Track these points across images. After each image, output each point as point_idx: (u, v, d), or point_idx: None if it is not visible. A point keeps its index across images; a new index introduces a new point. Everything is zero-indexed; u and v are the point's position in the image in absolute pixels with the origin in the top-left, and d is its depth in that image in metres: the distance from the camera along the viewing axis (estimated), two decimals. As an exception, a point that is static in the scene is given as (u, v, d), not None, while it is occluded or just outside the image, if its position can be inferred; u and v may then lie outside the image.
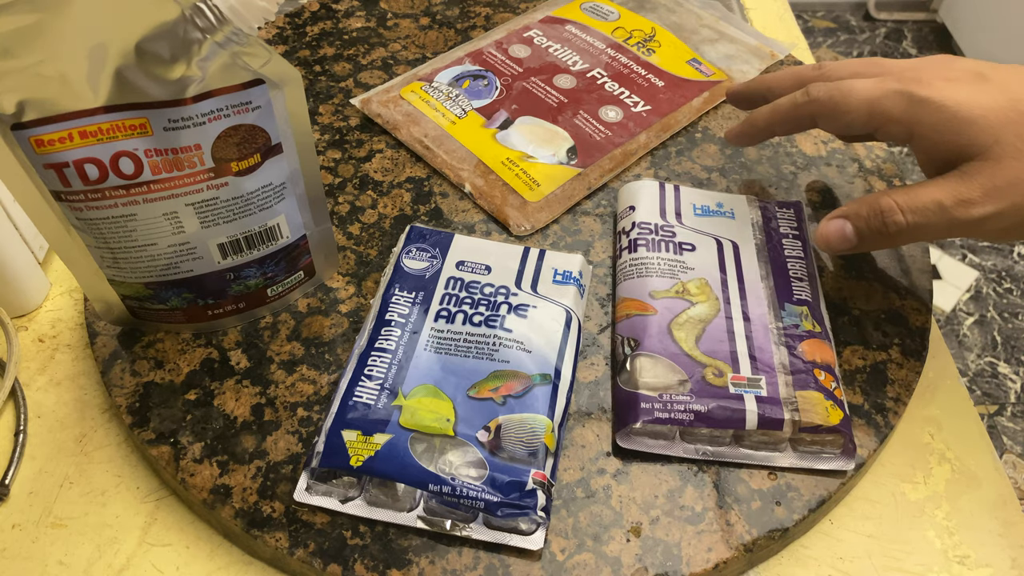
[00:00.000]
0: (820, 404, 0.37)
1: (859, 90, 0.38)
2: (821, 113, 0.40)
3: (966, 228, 0.37)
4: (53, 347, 0.45)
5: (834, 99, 0.39)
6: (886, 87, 0.38)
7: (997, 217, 0.36)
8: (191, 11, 0.32)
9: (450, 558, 0.35)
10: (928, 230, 0.38)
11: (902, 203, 0.38)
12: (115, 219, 0.35)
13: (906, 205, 0.38)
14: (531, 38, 0.59)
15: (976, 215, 0.36)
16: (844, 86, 0.39)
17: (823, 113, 0.40)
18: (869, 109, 0.38)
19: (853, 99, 0.38)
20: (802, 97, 0.41)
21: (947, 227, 0.37)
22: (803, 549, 0.38)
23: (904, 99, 0.37)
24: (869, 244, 0.40)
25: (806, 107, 0.40)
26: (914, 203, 0.37)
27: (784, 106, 0.42)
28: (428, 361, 0.39)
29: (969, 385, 1.38)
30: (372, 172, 0.51)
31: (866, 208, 0.39)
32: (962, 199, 0.36)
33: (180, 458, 0.38)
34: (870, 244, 0.40)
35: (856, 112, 0.39)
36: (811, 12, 2.20)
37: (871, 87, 0.38)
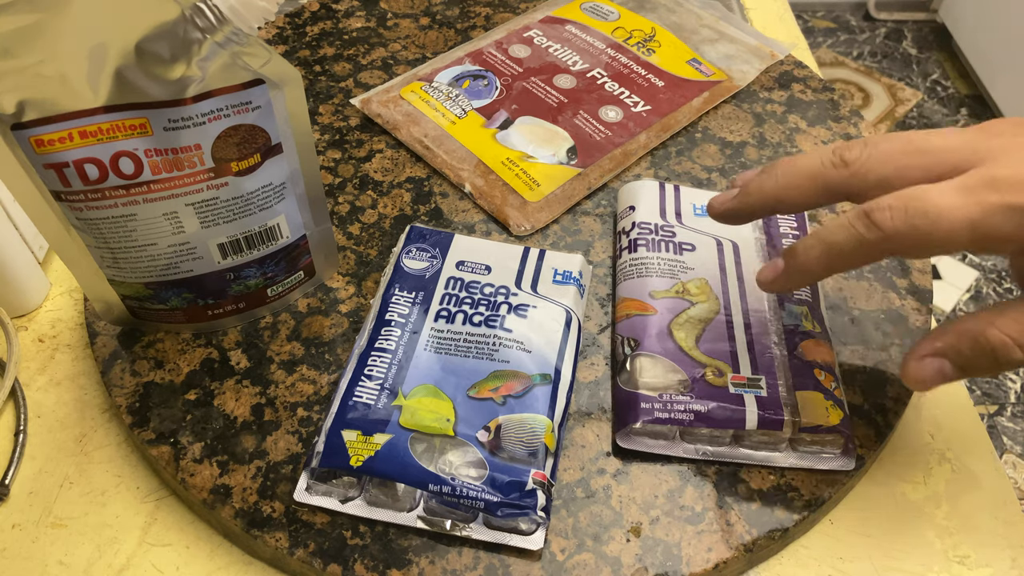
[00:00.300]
0: (820, 404, 0.37)
1: (951, 212, 0.30)
2: (903, 249, 0.31)
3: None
4: (53, 347, 0.45)
5: (920, 229, 0.30)
6: (986, 202, 0.30)
7: None
8: (191, 11, 0.32)
9: (450, 558, 0.35)
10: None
11: (1018, 337, 0.31)
12: (115, 219, 0.35)
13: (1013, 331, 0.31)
14: (531, 38, 0.59)
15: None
16: (925, 209, 0.30)
17: (906, 248, 0.31)
18: (972, 235, 0.30)
19: (946, 225, 0.30)
20: (870, 232, 0.31)
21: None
22: (803, 549, 0.38)
23: (1019, 215, 0.29)
24: (973, 375, 0.33)
25: (881, 245, 0.31)
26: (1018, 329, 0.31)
27: (846, 245, 0.32)
28: (428, 361, 0.39)
29: (969, 385, 1.38)
30: (372, 172, 0.51)
31: (968, 344, 0.32)
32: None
33: (180, 458, 0.38)
34: (974, 375, 0.33)
35: (955, 240, 0.30)
36: (811, 12, 2.20)
37: (965, 206, 0.30)
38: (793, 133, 0.54)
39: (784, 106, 0.56)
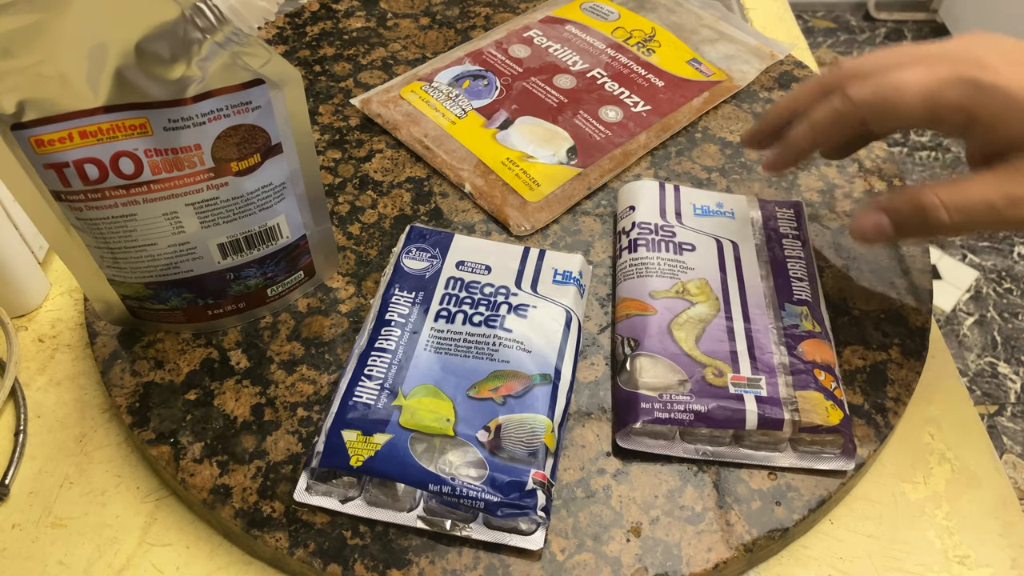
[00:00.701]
0: (820, 404, 0.37)
1: (912, 83, 0.34)
2: (872, 116, 0.36)
3: (1016, 225, 0.34)
4: (53, 347, 0.45)
5: (884, 97, 0.35)
6: (942, 75, 0.34)
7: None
8: (191, 11, 0.32)
9: (450, 558, 0.35)
10: (973, 227, 0.35)
11: (947, 201, 0.35)
12: (115, 219, 0.35)
13: (951, 203, 0.35)
14: (531, 38, 0.59)
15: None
16: (891, 81, 0.35)
17: (874, 115, 0.36)
18: (929, 103, 0.34)
19: (908, 94, 0.34)
20: (844, 104, 0.36)
21: (995, 225, 0.35)
22: (803, 549, 0.38)
23: (968, 87, 0.33)
24: (908, 237, 0.38)
25: (853, 113, 0.36)
26: (961, 201, 0.35)
27: (825, 118, 0.37)
28: (428, 361, 0.39)
29: (969, 385, 1.38)
30: (372, 172, 0.51)
31: (907, 204, 0.36)
32: (1014, 199, 0.34)
33: (180, 458, 0.38)
34: (910, 237, 0.38)
35: (913, 107, 0.34)
36: (811, 12, 2.20)
37: (925, 78, 0.34)
38: (793, 133, 0.54)
39: (784, 106, 0.56)
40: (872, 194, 0.50)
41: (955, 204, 0.35)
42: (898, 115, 0.35)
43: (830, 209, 0.50)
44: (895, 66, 0.36)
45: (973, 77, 0.33)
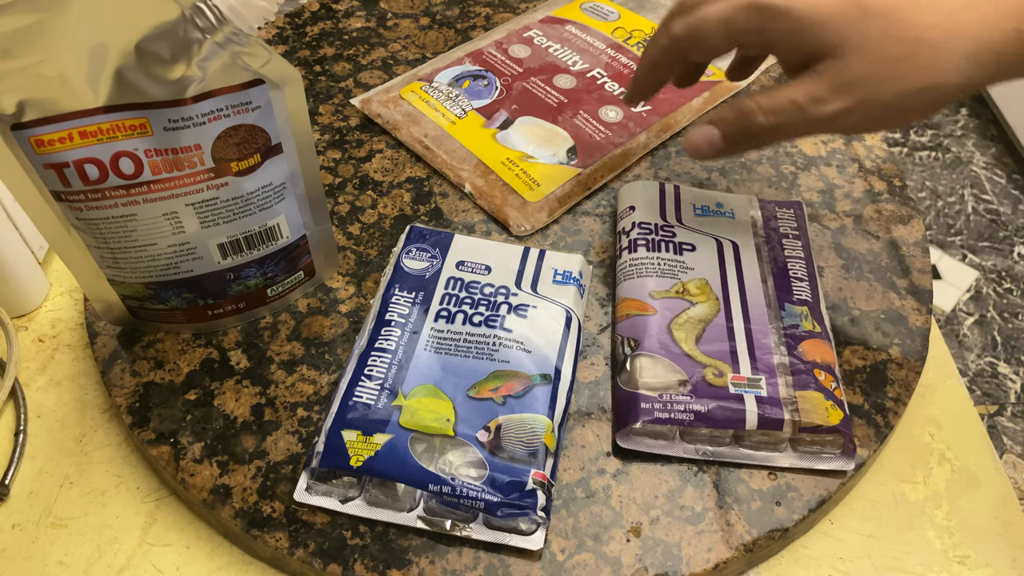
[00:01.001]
0: (820, 404, 0.37)
1: (713, 14, 0.39)
2: (687, 47, 0.41)
3: (821, 124, 0.38)
4: (53, 347, 0.45)
5: (693, 29, 0.40)
6: (736, 4, 0.38)
7: (847, 112, 0.38)
8: (191, 11, 0.32)
9: (450, 558, 0.35)
10: (788, 129, 0.39)
11: (763, 104, 0.39)
12: (115, 219, 0.35)
13: (766, 106, 0.39)
14: (531, 38, 0.59)
15: (829, 111, 0.37)
16: (699, 14, 0.40)
17: (688, 47, 0.41)
18: (726, 30, 0.39)
19: (710, 25, 0.39)
20: (664, 38, 0.41)
21: (804, 125, 0.39)
22: (803, 549, 0.38)
23: (754, 11, 0.38)
24: (737, 147, 0.41)
25: (672, 46, 0.41)
26: (772, 104, 0.39)
27: (653, 51, 0.43)
28: (428, 361, 0.39)
29: (969, 385, 1.38)
30: (372, 172, 0.51)
31: (733, 112, 0.40)
32: (814, 97, 0.37)
33: (180, 458, 0.38)
34: (738, 147, 0.41)
35: (716, 35, 0.39)
36: None
37: (722, 8, 0.39)
38: (793, 133, 0.54)
39: (784, 106, 0.56)
40: (875, 196, 0.50)
41: (768, 106, 0.39)
42: (707, 45, 0.40)
43: (830, 209, 0.50)
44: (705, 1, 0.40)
45: (757, 2, 0.37)
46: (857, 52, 0.37)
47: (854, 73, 0.37)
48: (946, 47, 0.36)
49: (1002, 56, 0.36)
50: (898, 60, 0.37)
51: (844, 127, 0.39)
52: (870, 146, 0.54)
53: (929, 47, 0.36)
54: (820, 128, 0.39)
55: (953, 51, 0.36)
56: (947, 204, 1.69)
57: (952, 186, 1.72)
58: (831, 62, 0.37)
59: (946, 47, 0.36)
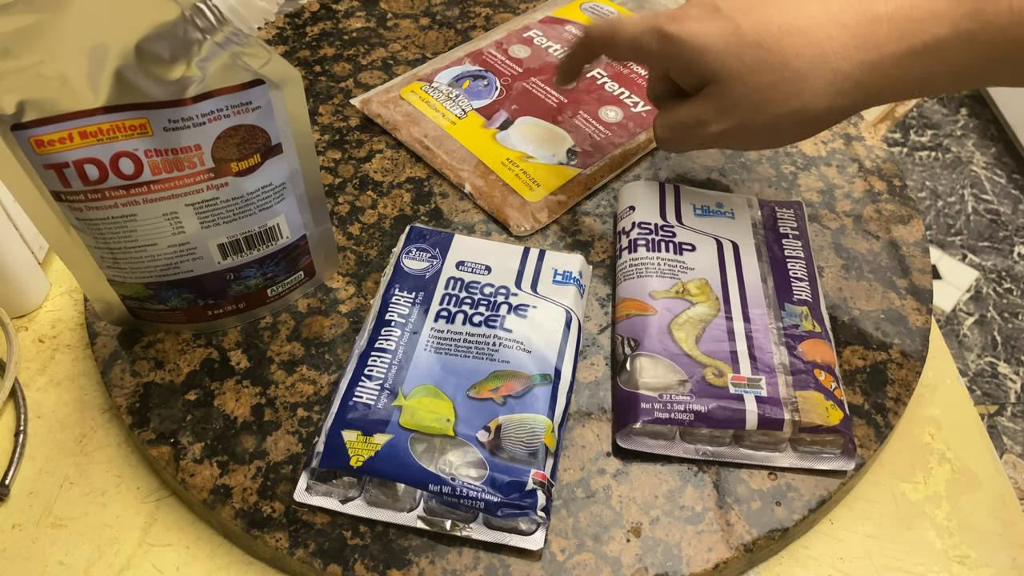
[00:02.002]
0: (820, 404, 0.37)
1: (627, 28, 0.42)
2: (597, 47, 0.45)
3: (709, 142, 0.43)
4: (53, 347, 0.45)
5: (605, 35, 0.44)
6: (646, 24, 0.42)
7: (729, 133, 0.41)
8: (191, 11, 0.32)
9: (450, 558, 0.35)
10: (681, 144, 0.44)
11: (661, 121, 0.44)
12: (115, 219, 0.35)
13: (662, 123, 0.44)
14: (531, 38, 0.59)
15: (713, 131, 0.41)
16: (615, 23, 0.43)
17: (598, 47, 0.45)
18: (632, 44, 0.42)
19: (620, 36, 0.43)
20: (585, 33, 0.45)
21: (694, 142, 0.43)
22: (803, 549, 0.38)
23: (656, 35, 0.41)
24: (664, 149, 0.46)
25: (586, 42, 0.45)
26: (667, 121, 0.43)
27: (576, 47, 0.47)
28: (428, 361, 0.39)
29: (969, 385, 1.38)
30: (372, 172, 0.51)
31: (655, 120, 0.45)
32: (700, 119, 0.41)
33: (180, 458, 0.38)
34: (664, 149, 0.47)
35: (623, 47, 0.43)
36: None
37: (635, 24, 0.42)
38: (793, 133, 0.54)
39: (784, 106, 0.56)
40: (871, 195, 0.50)
41: (663, 123, 0.44)
42: (615, 51, 0.44)
43: (830, 209, 0.50)
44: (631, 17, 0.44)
45: (662, 27, 0.41)
46: (735, 78, 0.39)
47: (733, 98, 0.40)
48: (809, 74, 0.38)
49: (861, 85, 0.39)
50: (769, 86, 0.39)
51: (729, 145, 0.44)
52: (870, 146, 0.54)
53: (795, 74, 0.38)
54: (709, 145, 0.43)
55: (816, 78, 0.38)
56: (947, 204, 1.69)
57: (952, 186, 1.72)
58: (715, 86, 0.40)
59: (809, 74, 0.38)
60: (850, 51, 0.38)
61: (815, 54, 0.38)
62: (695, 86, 0.42)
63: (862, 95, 0.39)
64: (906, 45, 0.37)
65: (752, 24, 0.39)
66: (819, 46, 0.38)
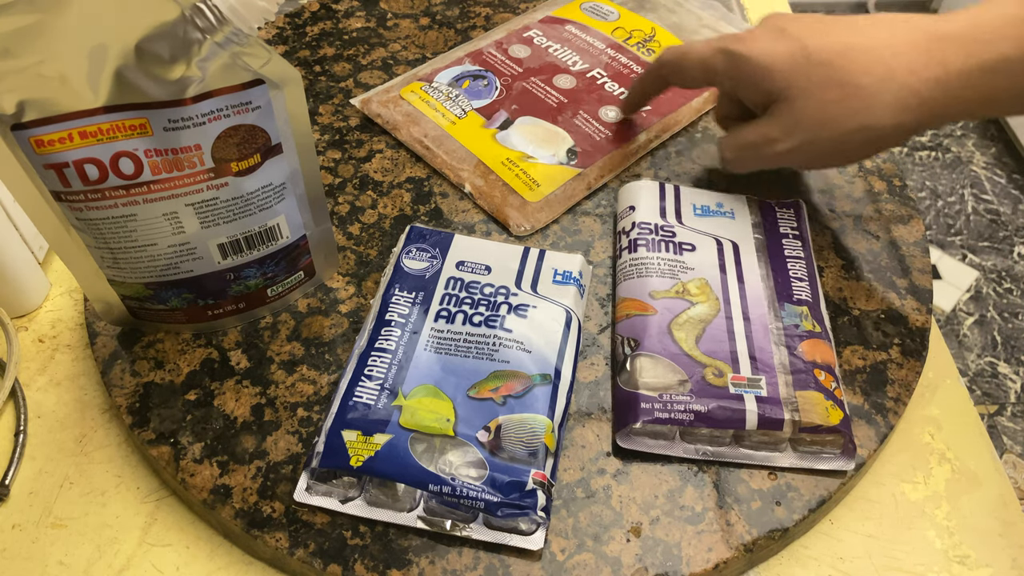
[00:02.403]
0: (820, 404, 0.37)
1: (695, 51, 0.44)
2: (669, 73, 0.47)
3: (775, 160, 0.43)
4: (53, 347, 0.45)
5: (675, 60, 0.45)
6: (714, 47, 0.43)
7: (795, 151, 0.42)
8: (191, 11, 0.32)
9: (450, 558, 0.35)
10: (748, 163, 0.45)
11: (728, 142, 0.45)
12: (115, 219, 0.35)
13: (729, 143, 0.45)
14: (531, 38, 0.59)
15: (780, 150, 0.42)
16: (684, 47, 0.45)
17: (670, 73, 0.46)
18: (702, 67, 0.44)
19: (689, 60, 0.45)
20: (654, 62, 0.47)
21: (761, 161, 0.44)
22: (803, 549, 0.38)
23: (725, 56, 0.43)
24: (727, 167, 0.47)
25: (657, 70, 0.47)
26: (734, 142, 0.45)
27: (645, 76, 0.49)
28: (428, 361, 0.39)
29: (969, 385, 1.38)
30: (372, 172, 0.51)
31: (720, 142, 0.47)
32: (767, 138, 0.42)
33: (180, 458, 0.38)
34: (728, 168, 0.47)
35: (693, 70, 0.45)
36: (811, 12, 2.19)
37: (703, 47, 0.44)
38: (793, 133, 0.54)
39: (784, 106, 0.56)
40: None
41: (730, 144, 0.45)
42: (685, 76, 0.46)
43: (830, 209, 0.50)
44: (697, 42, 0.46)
45: (728, 48, 0.42)
46: (802, 96, 0.40)
47: (800, 115, 0.41)
48: (877, 91, 0.39)
49: (927, 102, 0.39)
50: (836, 102, 0.40)
51: (795, 164, 0.44)
52: (870, 146, 0.54)
53: (862, 90, 0.39)
54: (775, 164, 0.44)
55: (883, 95, 0.39)
56: (947, 204, 1.69)
57: (952, 186, 1.72)
58: (782, 105, 0.41)
59: (877, 91, 0.39)
60: (917, 68, 0.38)
61: (882, 71, 0.39)
62: (762, 105, 0.43)
63: (927, 113, 0.39)
64: (972, 63, 0.38)
65: (818, 44, 0.40)
66: (886, 63, 0.39)
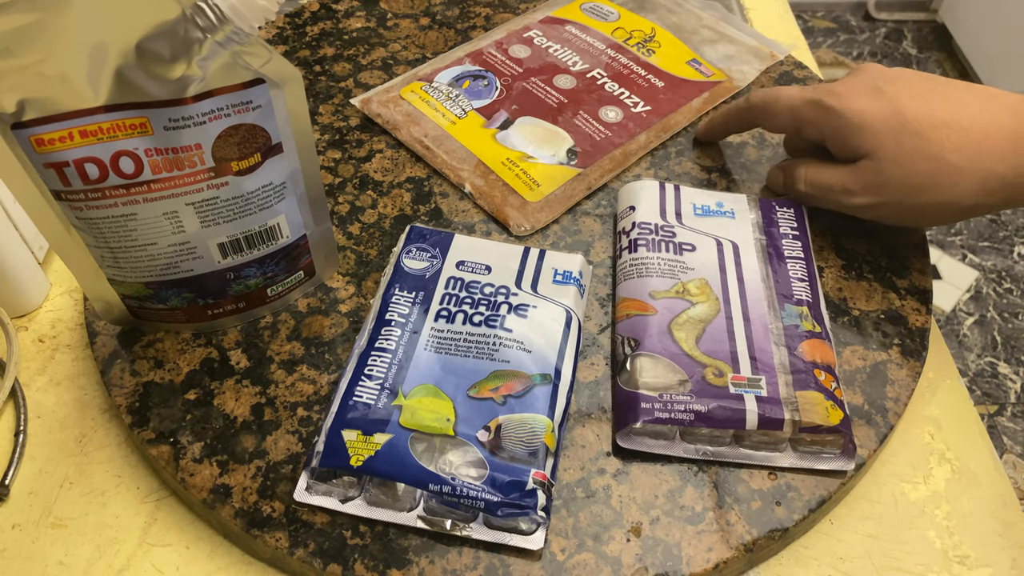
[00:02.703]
0: (820, 404, 0.37)
1: (785, 97, 0.46)
2: (757, 115, 0.48)
3: (847, 209, 0.45)
4: (53, 347, 0.45)
5: (766, 103, 0.47)
6: (805, 96, 0.45)
7: (872, 207, 0.44)
8: (192, 10, 0.32)
9: (450, 558, 0.35)
10: (818, 201, 0.46)
11: (809, 177, 0.46)
12: (115, 219, 0.35)
13: (808, 178, 0.46)
14: (531, 38, 0.59)
15: (855, 203, 0.44)
16: (775, 92, 0.46)
17: (758, 115, 0.48)
18: (791, 114, 0.45)
19: (779, 105, 0.46)
20: (744, 102, 0.49)
21: (834, 205, 0.46)
22: (803, 549, 0.38)
23: (816, 107, 0.44)
24: (790, 194, 0.48)
25: (747, 110, 0.48)
26: (814, 179, 0.46)
27: (732, 109, 0.50)
28: (428, 361, 0.39)
29: (969, 385, 1.38)
30: (372, 172, 0.51)
31: (791, 168, 0.48)
32: (846, 188, 0.44)
33: (180, 458, 0.38)
34: (788, 195, 0.49)
35: (782, 115, 0.46)
36: (811, 12, 2.20)
37: (795, 95, 0.45)
38: (793, 133, 0.54)
39: (784, 106, 0.56)
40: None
41: (810, 180, 0.46)
42: (774, 121, 0.47)
43: (830, 209, 0.49)
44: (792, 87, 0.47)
45: (822, 100, 0.43)
46: (891, 160, 0.41)
47: (884, 177, 0.42)
48: (964, 170, 0.40)
49: (1011, 187, 0.40)
50: (923, 175, 0.41)
51: (867, 217, 0.45)
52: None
53: (951, 167, 0.40)
54: (846, 211, 0.45)
55: (969, 175, 0.40)
56: (947, 204, 1.68)
57: (952, 186, 1.72)
58: (868, 164, 0.42)
59: (964, 170, 0.40)
60: (1005, 153, 0.40)
61: (972, 152, 0.40)
62: (847, 157, 0.44)
63: (1008, 196, 0.41)
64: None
65: (915, 112, 0.41)
66: (977, 145, 0.40)
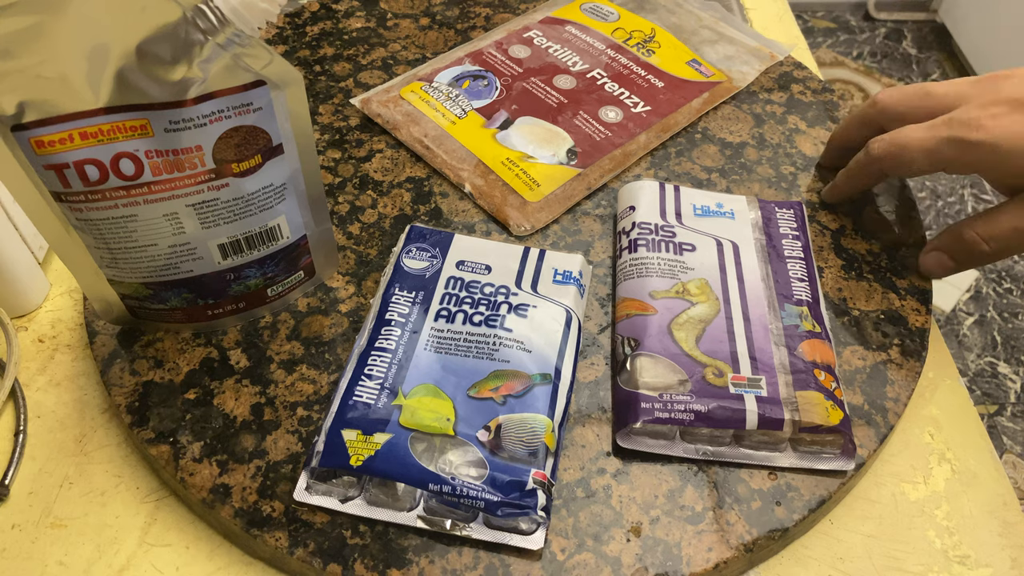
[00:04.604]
0: (820, 404, 0.38)
1: (914, 143, 0.41)
2: (885, 168, 0.44)
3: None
4: (53, 347, 0.45)
5: (893, 155, 0.42)
6: (938, 136, 0.40)
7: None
8: (193, 12, 0.32)
9: (450, 558, 0.35)
10: (1011, 251, 0.42)
11: (983, 234, 0.42)
12: (115, 220, 0.35)
13: (987, 235, 0.42)
14: (531, 39, 0.59)
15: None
16: (899, 139, 0.42)
17: (886, 167, 0.43)
18: (929, 159, 0.41)
19: (910, 152, 0.42)
20: (865, 157, 0.45)
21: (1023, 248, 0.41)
22: (803, 549, 0.38)
23: (958, 146, 0.40)
24: (965, 268, 0.44)
25: (873, 165, 0.44)
26: (993, 232, 0.41)
27: (854, 168, 0.46)
28: (428, 361, 0.39)
29: (969, 385, 1.38)
30: (372, 172, 0.51)
31: (954, 242, 0.43)
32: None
33: (180, 457, 0.38)
34: (966, 268, 0.44)
35: (917, 163, 0.42)
36: (811, 12, 2.20)
37: (924, 138, 0.41)
38: (793, 134, 0.54)
39: (784, 107, 0.56)
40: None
41: (990, 235, 0.42)
42: (909, 169, 0.42)
43: (830, 209, 0.50)
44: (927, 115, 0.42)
45: (962, 137, 0.40)
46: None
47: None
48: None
49: None
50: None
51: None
52: (870, 146, 0.54)
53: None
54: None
55: None
56: (947, 204, 1.69)
57: (952, 186, 1.72)
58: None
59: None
60: None
61: None
62: (1013, 187, 0.41)
63: None
64: None
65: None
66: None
